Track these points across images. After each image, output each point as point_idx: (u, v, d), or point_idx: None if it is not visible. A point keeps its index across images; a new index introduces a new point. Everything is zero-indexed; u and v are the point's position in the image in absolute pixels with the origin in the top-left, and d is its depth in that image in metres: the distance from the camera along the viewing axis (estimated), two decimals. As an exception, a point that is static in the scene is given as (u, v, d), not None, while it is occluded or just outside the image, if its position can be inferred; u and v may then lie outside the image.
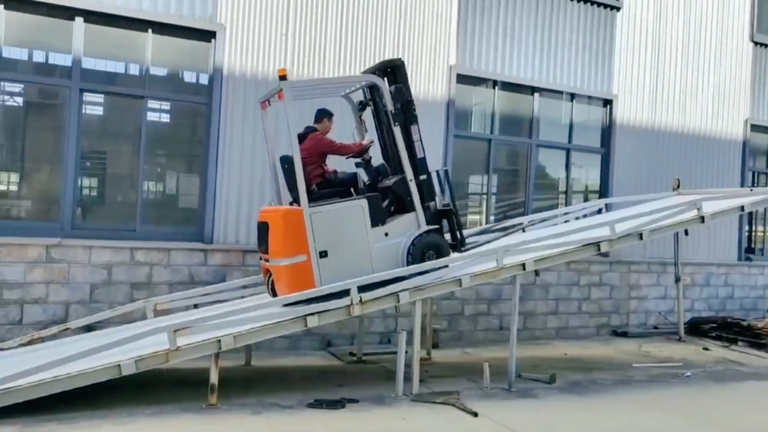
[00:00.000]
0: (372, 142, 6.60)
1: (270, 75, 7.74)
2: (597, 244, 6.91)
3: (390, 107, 6.22)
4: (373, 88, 6.50)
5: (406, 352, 6.05)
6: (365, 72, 6.65)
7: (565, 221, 8.70)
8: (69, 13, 6.96)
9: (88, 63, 7.16)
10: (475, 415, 5.47)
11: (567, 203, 9.77)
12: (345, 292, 5.76)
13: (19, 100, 7.34)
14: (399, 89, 6.26)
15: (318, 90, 6.70)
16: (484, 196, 9.44)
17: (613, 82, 10.17)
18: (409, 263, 6.14)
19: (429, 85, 8.69)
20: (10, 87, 7.04)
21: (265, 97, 6.27)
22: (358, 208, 6.05)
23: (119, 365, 5.03)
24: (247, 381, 6.33)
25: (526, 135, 9.68)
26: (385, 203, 6.28)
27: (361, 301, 5.79)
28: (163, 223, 7.68)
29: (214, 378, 5.36)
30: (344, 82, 6.83)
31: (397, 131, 6.22)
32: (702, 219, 7.35)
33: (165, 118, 7.95)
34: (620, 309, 10.26)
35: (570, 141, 10.03)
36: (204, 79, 7.70)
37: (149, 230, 7.40)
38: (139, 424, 4.83)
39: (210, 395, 5.35)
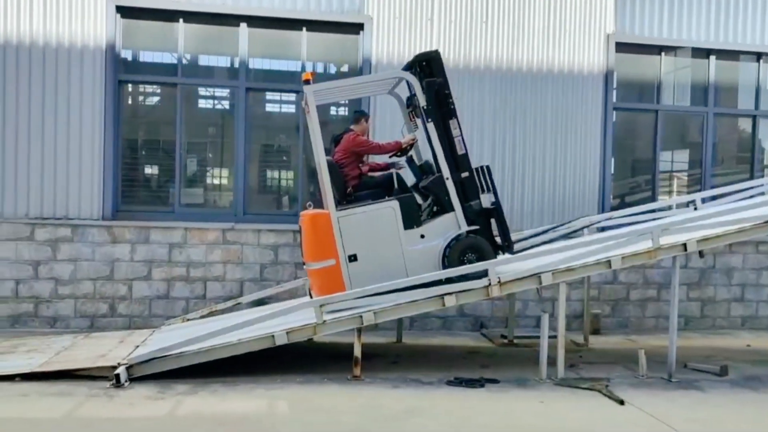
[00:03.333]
0: (414, 139, 6.31)
1: (417, 60, 7.86)
2: (781, 222, 6.05)
3: (422, 102, 5.91)
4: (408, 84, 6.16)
5: (554, 336, 5.88)
6: (404, 67, 6.35)
7: (750, 197, 7.72)
8: (235, 20, 7.71)
9: (252, 64, 7.88)
10: (621, 403, 5.16)
11: (752, 177, 8.65)
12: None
13: (196, 101, 8.30)
14: (430, 83, 5.90)
15: (344, 92, 6.56)
16: (652, 173, 8.71)
17: (813, 34, 8.77)
18: (445, 266, 5.85)
19: (583, 55, 8.20)
20: (189, 91, 7.99)
21: (303, 101, 6.14)
22: (389, 210, 5.89)
23: (273, 336, 5.54)
24: (395, 357, 6.59)
25: (701, 103, 8.74)
26: (427, 203, 6.06)
27: (500, 282, 5.74)
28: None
29: (357, 351, 5.68)
30: (372, 81, 6.61)
31: (430, 127, 5.92)
32: None
33: (321, 111, 8.48)
34: (827, 297, 8.89)
35: (757, 107, 8.86)
36: (355, 70, 8.06)
37: (310, 215, 7.95)
38: (288, 390, 5.28)
39: (354, 368, 5.68)
